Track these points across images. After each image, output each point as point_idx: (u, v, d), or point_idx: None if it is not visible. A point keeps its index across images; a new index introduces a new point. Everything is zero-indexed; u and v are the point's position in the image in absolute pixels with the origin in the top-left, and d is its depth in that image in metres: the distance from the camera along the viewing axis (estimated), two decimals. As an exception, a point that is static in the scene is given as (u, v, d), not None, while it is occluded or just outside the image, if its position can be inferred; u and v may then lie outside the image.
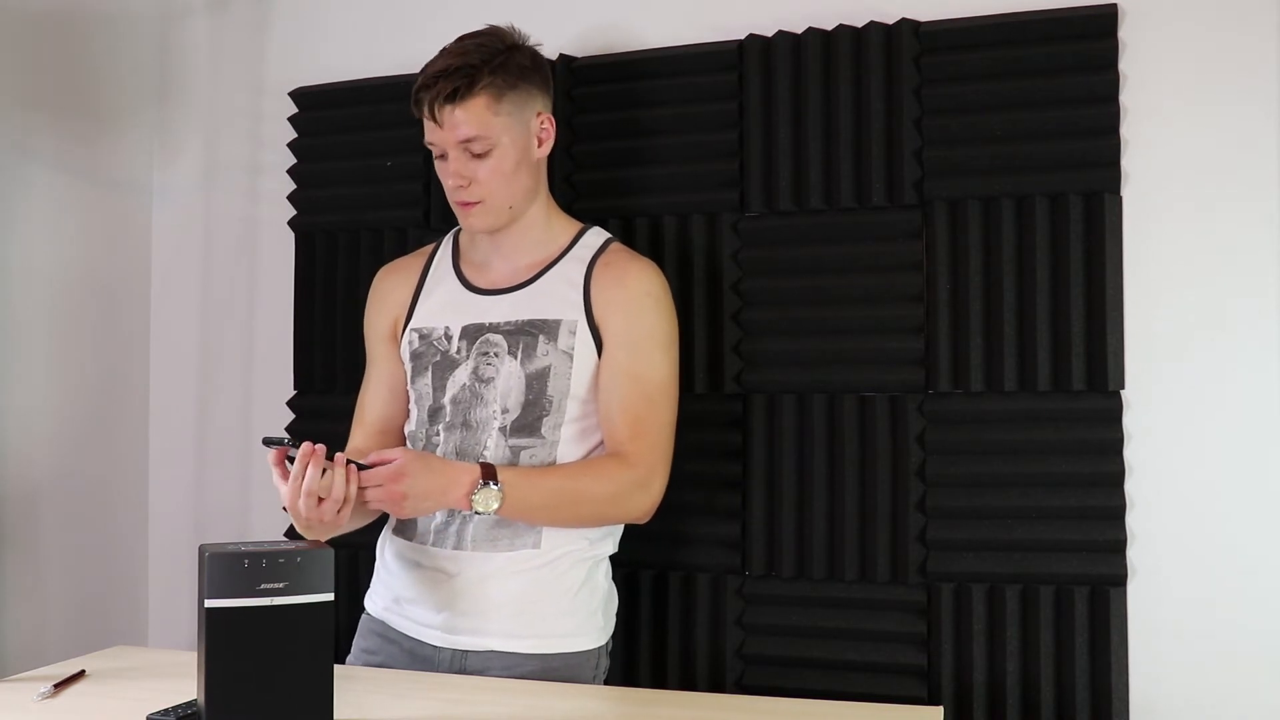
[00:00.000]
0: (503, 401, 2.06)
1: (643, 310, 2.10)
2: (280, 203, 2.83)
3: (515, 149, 2.07)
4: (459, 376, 2.10)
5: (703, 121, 2.48)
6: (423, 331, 2.17)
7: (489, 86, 2.01)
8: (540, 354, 2.06)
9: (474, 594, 2.05)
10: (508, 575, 2.04)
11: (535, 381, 2.06)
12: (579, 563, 2.09)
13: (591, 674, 2.11)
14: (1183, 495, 2.23)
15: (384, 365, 2.26)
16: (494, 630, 2.04)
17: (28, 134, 2.66)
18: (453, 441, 2.09)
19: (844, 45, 2.38)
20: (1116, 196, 2.24)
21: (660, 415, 2.09)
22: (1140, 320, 2.24)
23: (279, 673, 1.56)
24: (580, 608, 2.10)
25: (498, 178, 2.06)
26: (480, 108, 2.01)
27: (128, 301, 2.97)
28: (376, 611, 2.19)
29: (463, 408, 2.09)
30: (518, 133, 2.07)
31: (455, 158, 2.05)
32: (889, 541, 2.33)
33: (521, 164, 2.08)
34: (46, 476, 2.71)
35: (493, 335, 2.10)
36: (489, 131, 2.03)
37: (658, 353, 2.10)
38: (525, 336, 2.07)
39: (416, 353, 2.17)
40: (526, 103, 2.08)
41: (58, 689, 1.83)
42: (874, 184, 2.36)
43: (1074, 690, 2.22)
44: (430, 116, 2.04)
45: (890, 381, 2.35)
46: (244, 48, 2.93)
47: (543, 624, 2.06)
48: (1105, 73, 2.24)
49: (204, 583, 1.55)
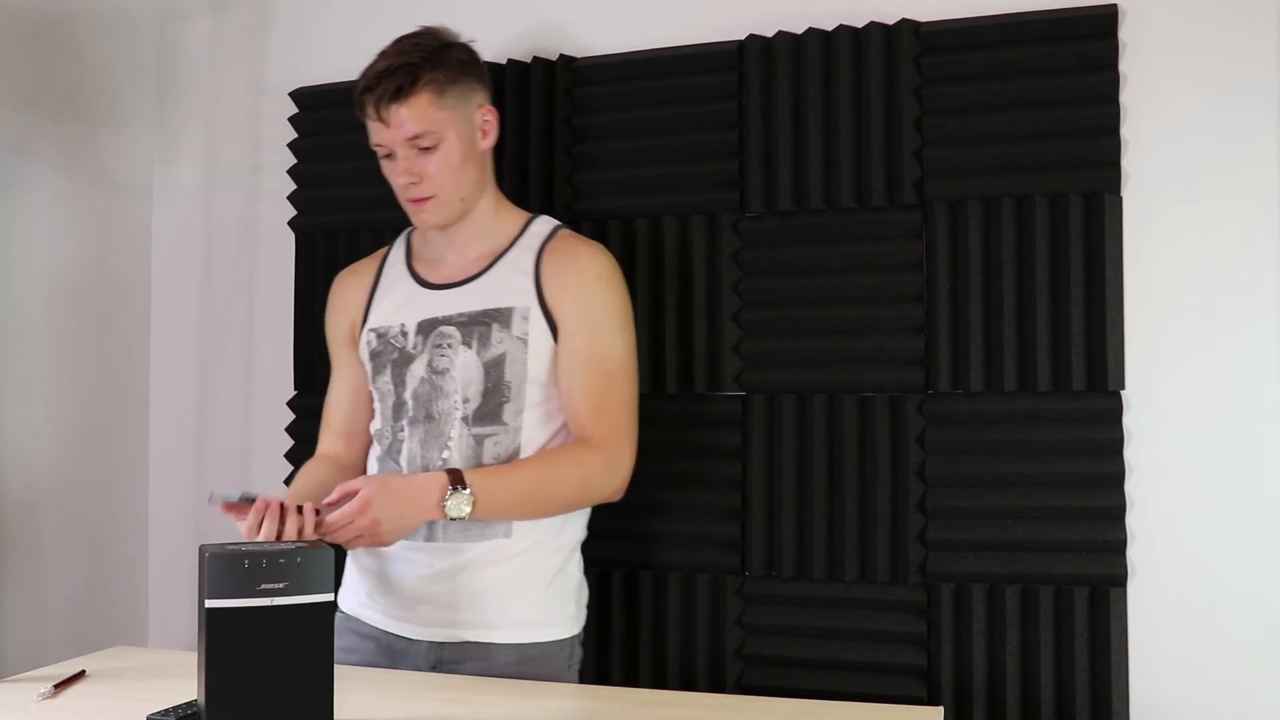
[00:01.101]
0: (463, 391, 2.09)
1: (595, 292, 2.12)
2: (280, 203, 2.83)
3: (461, 142, 2.09)
4: (416, 370, 2.13)
5: (703, 122, 2.48)
6: (379, 330, 2.19)
7: (431, 82, 2.05)
8: (495, 341, 2.08)
9: (447, 586, 2.06)
10: (480, 566, 2.06)
11: (492, 369, 2.08)
12: (551, 552, 2.11)
13: (566, 664, 2.12)
14: (1183, 495, 2.23)
15: (346, 369, 2.29)
16: (468, 622, 2.06)
17: (28, 134, 2.66)
18: (417, 436, 2.11)
19: (844, 46, 2.38)
20: (1116, 197, 2.24)
21: (621, 394, 2.12)
22: (1140, 320, 2.24)
23: (279, 673, 1.56)
24: (553, 596, 2.12)
25: (446, 171, 2.08)
26: (424, 104, 2.04)
27: (128, 302, 2.97)
28: (350, 608, 2.19)
29: (423, 401, 2.11)
30: (462, 126, 2.10)
31: (404, 155, 2.07)
32: (889, 541, 2.33)
33: (468, 157, 2.11)
34: (47, 476, 2.71)
35: (446, 327, 2.12)
36: (435, 126, 2.05)
37: (614, 332, 2.12)
38: (479, 326, 2.10)
39: (375, 351, 2.19)
40: (468, 96, 2.11)
41: (58, 689, 1.83)
42: (874, 184, 2.36)
43: (1074, 690, 2.22)
44: (376, 117, 2.07)
45: (890, 381, 2.35)
46: (244, 48, 2.93)
47: (517, 613, 2.07)
48: (1105, 73, 2.24)
49: (204, 583, 1.54)
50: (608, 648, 2.50)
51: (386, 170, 2.13)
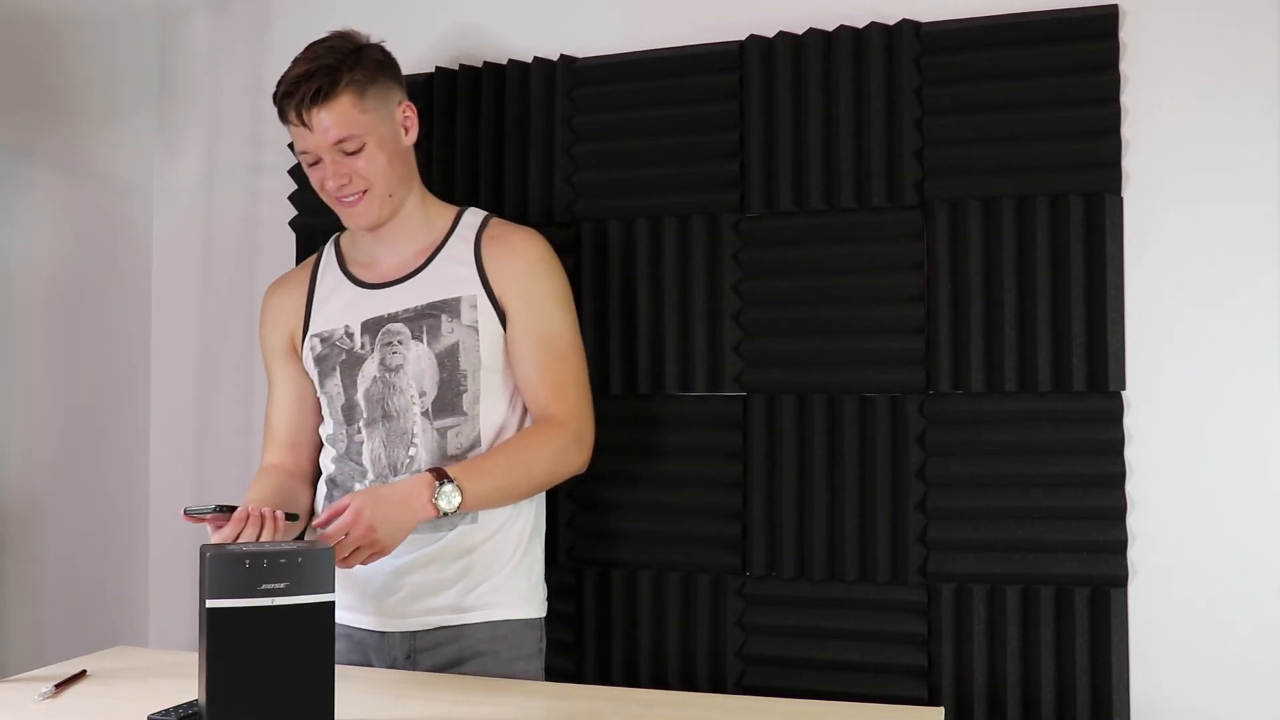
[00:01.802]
0: (418, 385, 2.10)
1: (537, 274, 2.17)
2: (281, 203, 2.83)
3: (386, 142, 2.11)
4: (368, 370, 2.13)
5: (704, 122, 2.48)
6: (323, 335, 2.20)
7: (351, 84, 2.06)
8: (446, 332, 2.10)
9: (417, 578, 2.09)
10: (448, 555, 2.09)
11: (446, 360, 2.10)
12: (515, 535, 2.16)
13: (536, 646, 2.18)
14: (1183, 496, 2.23)
15: (285, 379, 2.29)
16: (440, 608, 2.10)
17: (28, 133, 2.65)
18: (377, 436, 2.12)
19: (845, 46, 2.38)
20: (1117, 197, 2.24)
21: (575, 371, 2.18)
22: (1141, 321, 2.24)
23: (280, 673, 1.56)
24: (521, 576, 2.17)
25: (374, 169, 2.10)
26: (346, 106, 2.06)
27: (128, 302, 2.96)
28: None
29: (377, 400, 2.12)
30: (384, 126, 2.12)
31: (331, 160, 2.08)
32: (889, 542, 2.33)
33: (394, 155, 2.13)
34: (47, 476, 2.70)
35: (393, 325, 2.13)
36: (358, 129, 2.07)
37: (559, 312, 2.17)
38: (428, 319, 2.11)
39: (320, 356, 2.19)
40: (387, 95, 2.13)
41: (59, 689, 1.83)
42: (874, 184, 2.36)
43: (1074, 691, 2.22)
44: (299, 122, 2.07)
45: (891, 382, 2.35)
46: (244, 47, 2.93)
47: (487, 595, 2.12)
48: (1106, 73, 2.24)
49: (205, 583, 1.54)
50: (608, 648, 2.50)
51: (314, 177, 2.14)
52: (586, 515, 2.51)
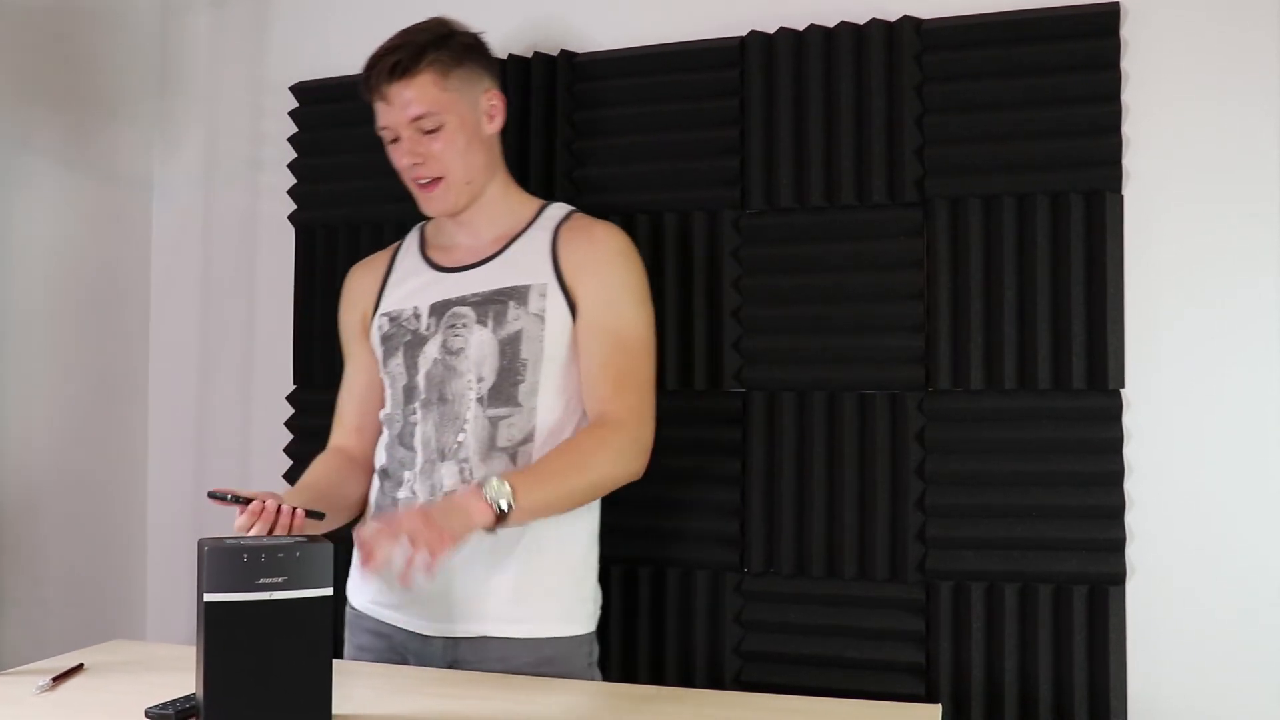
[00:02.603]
0: (477, 370, 2.06)
1: (614, 267, 2.11)
2: (281, 197, 2.83)
3: (465, 125, 2.09)
4: (429, 352, 2.11)
5: (704, 118, 2.48)
6: (392, 315, 2.18)
7: (435, 62, 2.05)
8: (511, 319, 2.06)
9: (464, 580, 2.03)
10: (496, 561, 2.02)
11: (508, 347, 2.06)
12: (565, 547, 2.08)
13: (585, 661, 2.10)
14: (1182, 494, 2.23)
15: (358, 362, 2.28)
16: (487, 615, 2.03)
17: (28, 127, 2.65)
18: (431, 419, 2.08)
19: (846, 42, 2.38)
20: (1118, 195, 2.24)
21: (641, 371, 2.09)
22: (1141, 319, 2.24)
23: (278, 667, 1.55)
24: (571, 591, 2.10)
25: (451, 153, 2.08)
26: (427, 83, 2.05)
27: (128, 296, 2.96)
28: (362, 606, 2.17)
29: (436, 382, 2.09)
30: (466, 109, 2.09)
31: (408, 137, 2.07)
32: (888, 539, 2.33)
33: (473, 140, 2.11)
34: (45, 470, 2.70)
35: (460, 308, 2.10)
36: (437, 107, 2.05)
37: (634, 308, 2.10)
38: (495, 305, 2.08)
39: (386, 335, 2.17)
40: (473, 80, 2.11)
41: (56, 682, 1.82)
42: (875, 181, 2.35)
43: (1072, 689, 2.22)
44: (380, 96, 2.07)
45: (890, 379, 2.35)
46: (245, 41, 2.92)
47: (535, 606, 2.04)
48: (1107, 71, 2.24)
49: (203, 577, 1.54)
50: (606, 644, 2.44)
51: (392, 155, 2.12)
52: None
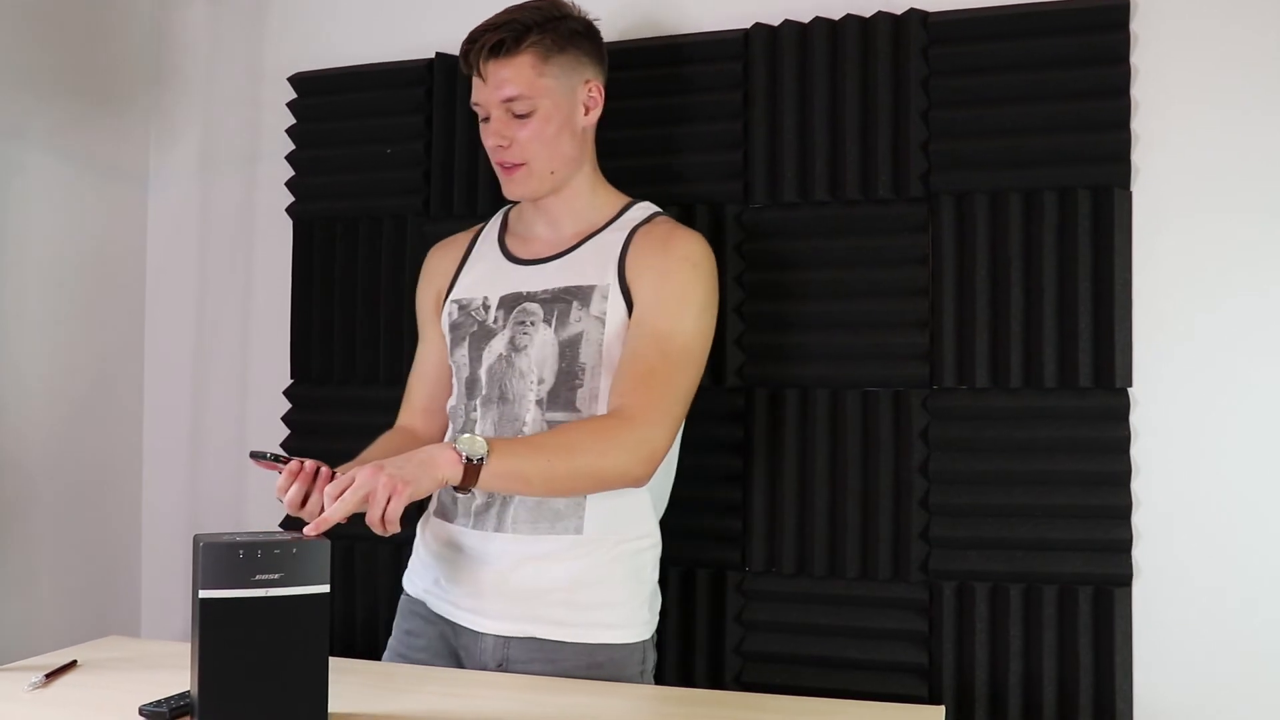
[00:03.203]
0: (538, 371, 2.02)
1: (678, 272, 2.02)
2: (278, 190, 2.81)
3: (559, 113, 2.04)
4: (495, 346, 2.07)
5: (707, 111, 2.46)
6: (462, 302, 2.15)
7: (536, 45, 2.00)
8: (574, 320, 2.01)
9: (517, 579, 2.00)
10: (551, 561, 1.99)
11: (568, 349, 2.01)
12: (623, 552, 2.04)
13: (639, 669, 2.05)
14: (1190, 495, 2.21)
15: (430, 343, 2.26)
16: (539, 617, 2.00)
17: (22, 117, 2.63)
18: (490, 417, 2.05)
19: (851, 35, 2.36)
20: (1126, 191, 2.22)
21: (673, 375, 1.97)
22: (1148, 317, 2.22)
23: (274, 665, 1.54)
24: (627, 598, 2.05)
25: (539, 141, 2.03)
26: (525, 66, 2.00)
27: (123, 289, 2.95)
28: (416, 592, 2.15)
29: (498, 379, 2.05)
30: (562, 96, 2.04)
31: (498, 118, 2.03)
32: (891, 538, 2.31)
33: (564, 129, 2.06)
34: (40, 464, 2.69)
35: (530, 304, 2.06)
36: (532, 91, 2.01)
37: (688, 316, 2.01)
38: (560, 304, 2.03)
39: (455, 324, 2.14)
40: (575, 68, 2.06)
41: (49, 679, 1.81)
42: (880, 176, 2.34)
43: (1077, 691, 2.20)
44: (476, 73, 2.03)
45: (894, 376, 2.33)
46: (242, 31, 2.91)
47: (588, 612, 2.00)
48: (1116, 66, 2.22)
49: (198, 573, 1.52)
50: None
51: (483, 133, 2.08)
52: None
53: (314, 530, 1.62)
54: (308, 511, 1.78)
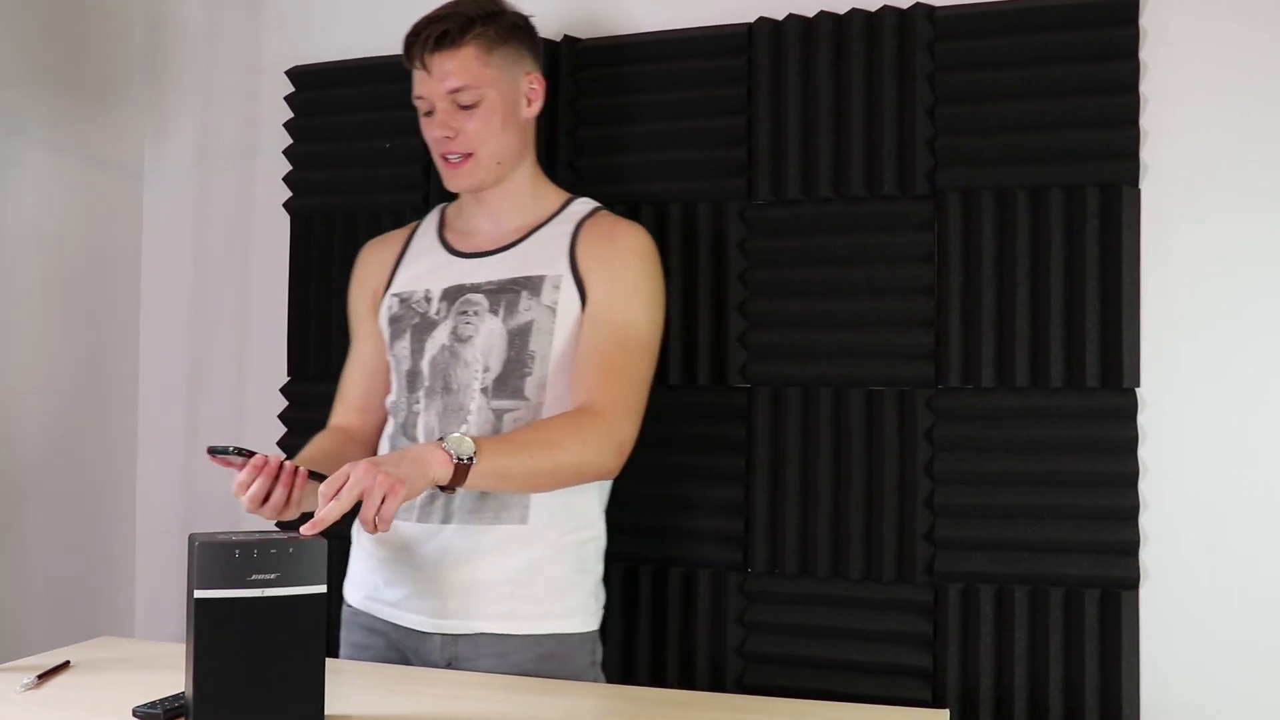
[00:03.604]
0: (484, 359, 2.04)
1: (628, 264, 2.08)
2: (276, 184, 2.80)
3: (503, 103, 2.08)
4: (438, 337, 2.08)
5: (710, 106, 2.45)
6: (402, 296, 2.16)
7: (480, 36, 2.04)
8: (523, 309, 2.04)
9: (462, 574, 2.01)
10: (497, 554, 2.00)
11: (517, 338, 2.03)
12: (569, 543, 2.06)
13: (589, 659, 2.08)
14: (1199, 496, 2.19)
15: (365, 340, 2.26)
16: (485, 613, 2.01)
17: (16, 111, 2.62)
18: (434, 408, 2.06)
19: (856, 29, 2.35)
20: (1135, 189, 2.20)
21: (634, 369, 2.04)
22: (1157, 316, 2.20)
23: (270, 666, 1.53)
24: (573, 588, 2.07)
25: (486, 130, 2.06)
26: (470, 57, 2.04)
27: (117, 285, 2.93)
28: (358, 603, 2.15)
29: (441, 370, 2.06)
30: (506, 87, 2.08)
31: (443, 109, 2.06)
32: (895, 540, 2.30)
33: (509, 120, 2.09)
34: (32, 462, 2.67)
35: (474, 295, 2.08)
36: (478, 82, 2.04)
37: (640, 307, 2.07)
38: (508, 294, 2.06)
39: (395, 316, 2.15)
40: (516, 60, 2.10)
41: (41, 680, 1.80)
42: (885, 173, 2.32)
43: (1083, 695, 2.18)
44: (420, 65, 2.06)
45: (899, 376, 2.32)
46: (240, 24, 2.89)
47: (535, 604, 2.02)
48: (1125, 61, 2.20)
49: (193, 572, 1.52)
50: (606, 645, 2.43)
51: (425, 127, 2.11)
52: (585, 508, 2.46)
53: (311, 530, 1.62)
54: (269, 508, 1.81)
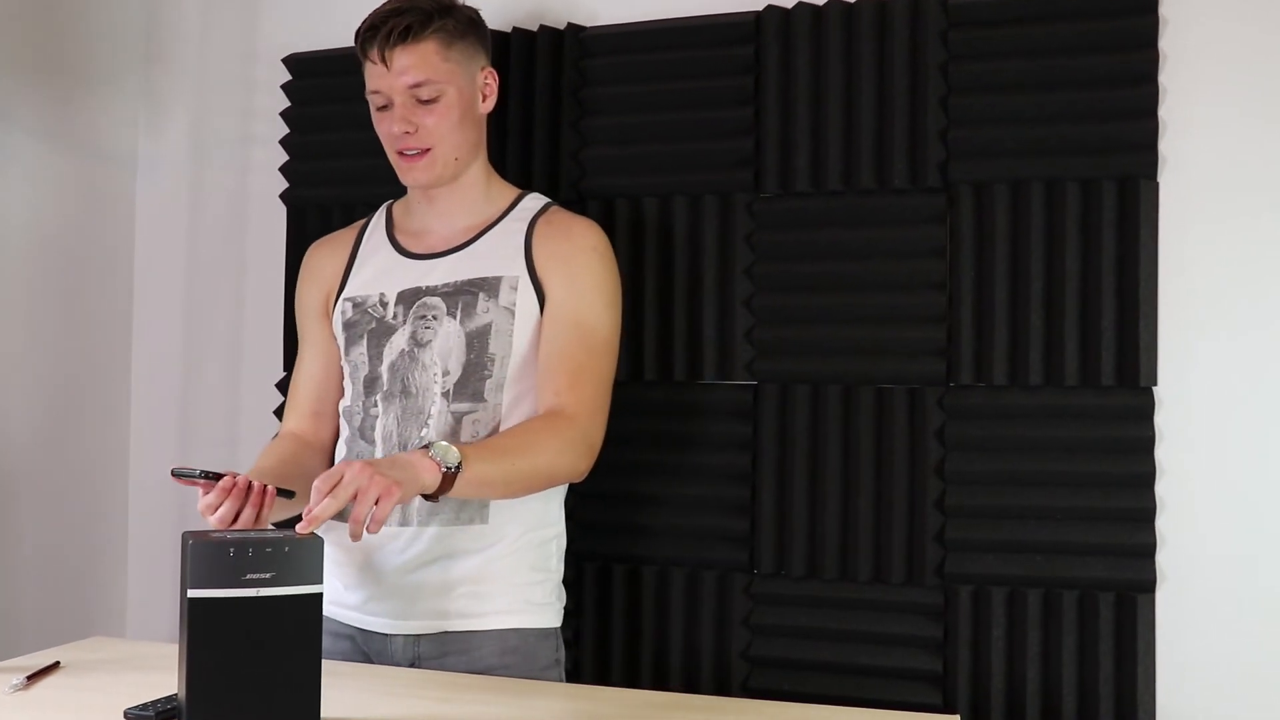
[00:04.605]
0: (443, 363, 2.03)
1: (587, 263, 2.09)
2: (272, 175, 2.77)
3: (462, 98, 2.08)
4: (396, 342, 2.07)
5: (717, 97, 2.42)
6: (356, 300, 2.15)
7: (441, 30, 2.04)
8: (481, 311, 2.04)
9: (422, 575, 2.01)
10: (457, 554, 2.00)
11: (476, 340, 2.03)
12: (529, 541, 2.06)
13: (553, 656, 2.09)
14: (1216, 498, 2.17)
15: (317, 344, 2.23)
16: (447, 611, 2.01)
17: (7, 99, 2.59)
18: (393, 411, 2.05)
19: (867, 18, 2.33)
20: (1153, 182, 2.18)
21: (599, 368, 2.06)
22: (1175, 313, 2.18)
23: (264, 667, 1.52)
24: (535, 586, 2.07)
25: (445, 125, 2.06)
26: (431, 51, 2.03)
27: (110, 277, 2.91)
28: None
29: (401, 374, 2.06)
30: (464, 83, 2.08)
31: (401, 104, 2.05)
32: (905, 541, 2.28)
33: (467, 116, 2.09)
34: (22, 458, 2.65)
35: (430, 298, 2.07)
36: (438, 76, 2.04)
37: (601, 305, 2.08)
38: (465, 296, 2.05)
39: (350, 322, 2.14)
40: (473, 55, 2.11)
41: (31, 680, 1.79)
42: (896, 165, 2.30)
43: (1097, 701, 2.16)
44: (379, 60, 2.04)
45: (909, 373, 2.30)
46: (236, 10, 2.87)
47: (496, 600, 2.02)
48: (1144, 51, 2.18)
49: (187, 572, 1.50)
50: (608, 646, 2.46)
51: (379, 122, 2.10)
52: (587, 508, 2.43)
53: (305, 527, 1.60)
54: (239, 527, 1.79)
